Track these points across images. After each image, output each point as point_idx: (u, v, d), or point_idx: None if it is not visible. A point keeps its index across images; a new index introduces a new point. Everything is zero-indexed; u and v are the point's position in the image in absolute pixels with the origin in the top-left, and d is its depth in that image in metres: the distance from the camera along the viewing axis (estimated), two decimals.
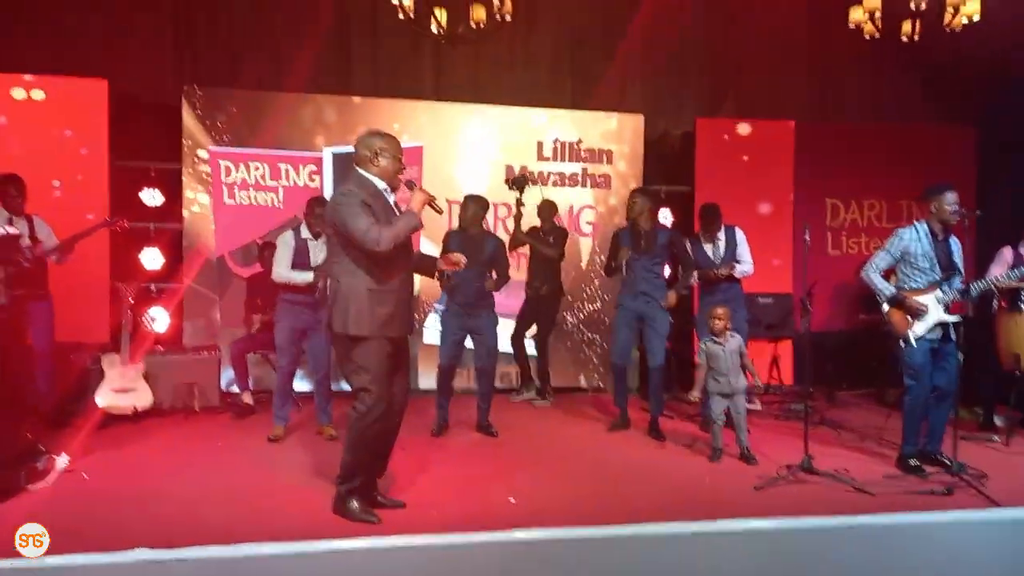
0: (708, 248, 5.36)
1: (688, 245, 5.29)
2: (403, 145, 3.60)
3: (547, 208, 6.08)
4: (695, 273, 5.21)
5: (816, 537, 3.36)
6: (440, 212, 3.60)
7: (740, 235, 5.38)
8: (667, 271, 5.40)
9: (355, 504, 3.47)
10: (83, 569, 2.85)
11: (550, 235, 5.98)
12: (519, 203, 5.81)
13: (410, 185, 3.57)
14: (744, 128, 6.85)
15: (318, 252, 4.74)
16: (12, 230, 3.91)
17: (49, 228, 5.03)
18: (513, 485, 3.97)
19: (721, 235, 5.35)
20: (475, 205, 4.99)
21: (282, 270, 4.74)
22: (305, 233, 4.81)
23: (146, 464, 4.31)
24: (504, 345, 5.66)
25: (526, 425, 5.41)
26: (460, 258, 3.81)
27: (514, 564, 3.20)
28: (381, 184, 3.44)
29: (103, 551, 2.93)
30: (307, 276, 4.71)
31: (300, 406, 5.44)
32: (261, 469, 4.24)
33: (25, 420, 4.03)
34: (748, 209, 6.56)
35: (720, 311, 4.55)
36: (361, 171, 3.45)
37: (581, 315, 6.69)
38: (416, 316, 6.41)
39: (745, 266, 5.36)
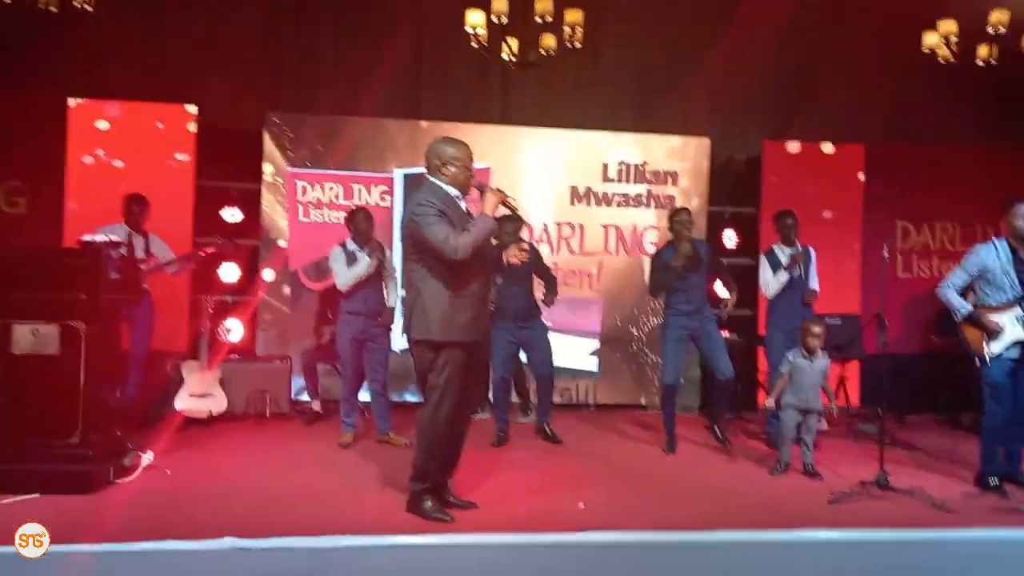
0: (793, 272, 5.22)
1: (765, 261, 5.27)
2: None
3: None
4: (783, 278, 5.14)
5: (895, 549, 3.31)
6: (515, 210, 3.69)
7: (813, 254, 5.34)
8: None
9: (429, 503, 3.54)
10: (178, 554, 3.01)
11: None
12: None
13: (480, 188, 3.65)
14: (812, 151, 6.82)
15: (368, 265, 4.90)
16: (114, 237, 4.17)
17: (164, 244, 5.46)
18: (582, 494, 3.99)
19: (800, 250, 5.27)
20: (513, 224, 4.97)
21: (344, 277, 4.91)
22: (351, 246, 4.98)
23: (223, 463, 4.49)
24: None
25: (585, 440, 5.43)
26: (525, 246, 3.87)
27: (588, 565, 3.22)
28: (453, 191, 3.55)
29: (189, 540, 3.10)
30: (364, 262, 4.86)
31: (366, 415, 5.58)
32: (334, 471, 4.37)
33: (115, 419, 4.25)
34: (816, 231, 6.45)
35: (818, 329, 4.52)
36: (433, 179, 3.57)
37: (644, 335, 6.70)
38: None
39: (815, 285, 5.33)
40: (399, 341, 5.56)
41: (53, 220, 5.79)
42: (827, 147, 6.83)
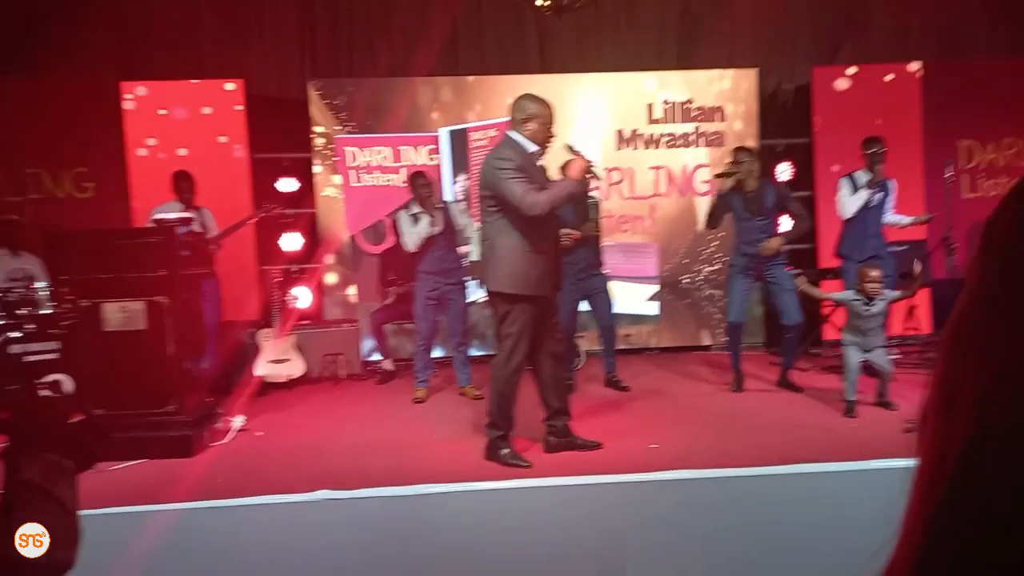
0: (871, 194, 5.13)
1: (846, 190, 5.17)
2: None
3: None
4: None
5: None
6: (598, 179, 3.74)
7: (893, 185, 5.23)
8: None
9: (506, 450, 3.67)
10: (277, 507, 3.21)
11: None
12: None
13: (571, 150, 3.72)
14: (865, 74, 6.59)
15: (429, 223, 5.00)
16: (173, 213, 4.34)
17: (214, 220, 5.57)
18: (653, 435, 4.08)
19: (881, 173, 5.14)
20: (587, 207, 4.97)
21: (411, 238, 5.02)
22: (415, 208, 5.07)
23: (307, 424, 4.69)
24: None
25: (652, 383, 5.48)
26: (575, 234, 3.91)
27: (663, 503, 3.32)
28: (532, 147, 3.61)
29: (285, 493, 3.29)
30: (425, 220, 4.97)
31: (437, 371, 5.73)
32: (411, 425, 4.54)
33: (204, 387, 4.47)
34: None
35: (876, 274, 4.39)
36: (513, 134, 3.64)
37: (701, 275, 6.68)
38: None
39: (897, 218, 5.25)
40: (475, 294, 5.72)
41: (120, 204, 6.01)
42: (880, 69, 6.59)
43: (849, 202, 5.19)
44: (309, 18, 6.84)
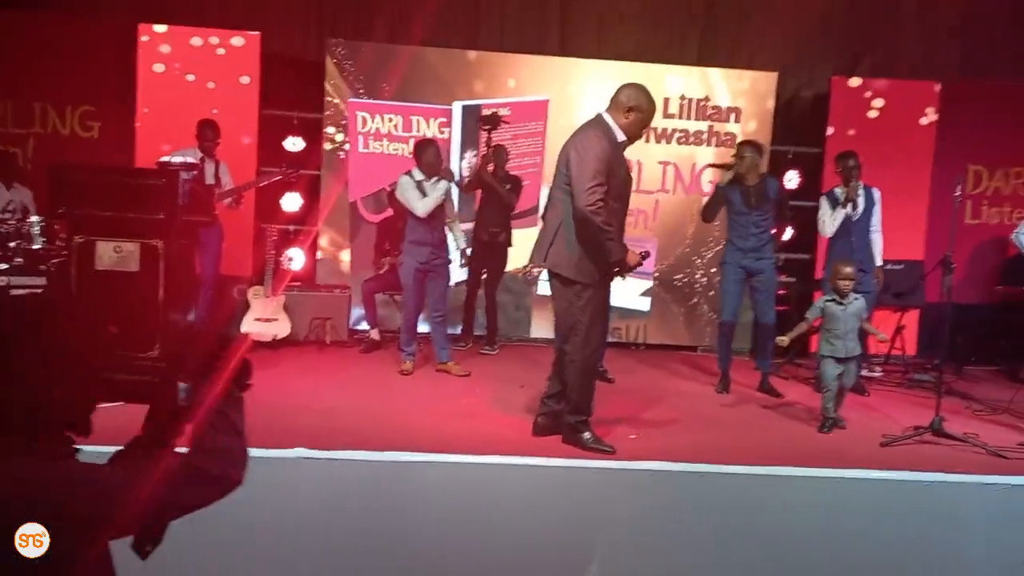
0: (848, 211, 5.14)
1: (825, 208, 5.18)
2: (529, 99, 3.75)
3: (501, 154, 5.93)
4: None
5: (945, 491, 3.33)
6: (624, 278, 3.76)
7: (878, 196, 5.20)
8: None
9: (588, 434, 3.64)
10: (253, 460, 3.21)
11: (506, 182, 5.89)
12: (490, 143, 5.81)
13: (645, 255, 3.75)
14: (882, 88, 6.56)
15: (434, 191, 4.95)
16: (190, 159, 4.31)
17: (231, 176, 5.55)
18: (634, 427, 4.09)
19: (861, 191, 5.15)
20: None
21: (419, 204, 4.94)
22: (418, 175, 5.02)
23: (290, 384, 4.69)
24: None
25: (637, 377, 5.50)
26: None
27: (636, 491, 3.34)
28: (622, 136, 3.58)
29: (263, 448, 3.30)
30: (443, 185, 4.95)
31: (422, 346, 5.73)
32: (393, 395, 4.56)
33: (191, 337, 4.46)
34: (883, 172, 6.24)
35: (848, 270, 4.33)
36: (608, 117, 3.60)
37: (696, 275, 6.67)
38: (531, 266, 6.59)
39: (878, 237, 5.22)
40: (457, 274, 5.71)
41: (126, 144, 5.97)
42: (899, 85, 6.55)
43: (827, 220, 5.18)
44: None
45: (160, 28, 6.07)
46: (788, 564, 3.14)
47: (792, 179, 6.55)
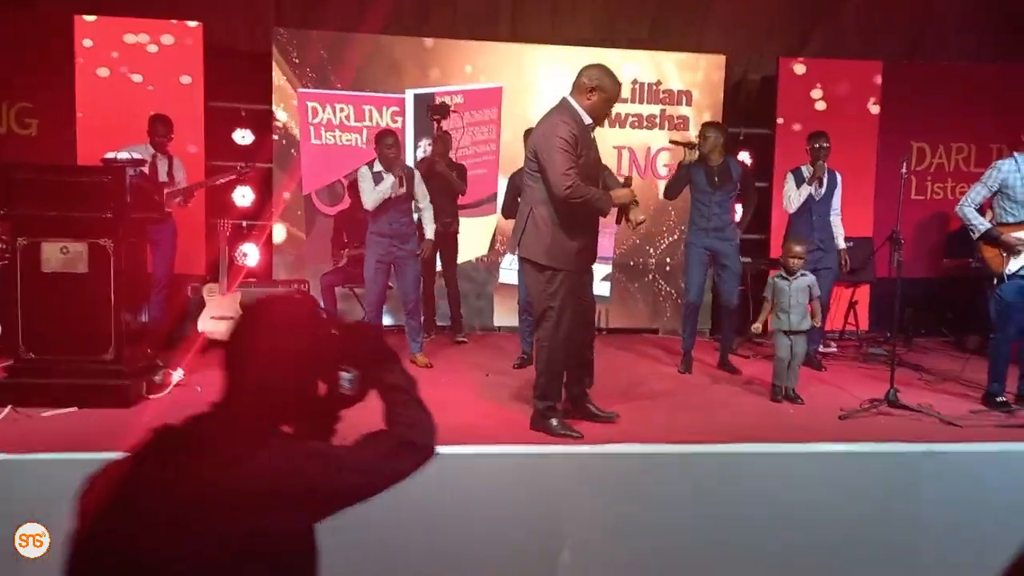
0: (812, 189, 5.24)
1: (791, 184, 5.27)
2: (482, 87, 3.71)
3: (445, 141, 5.91)
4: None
5: (903, 462, 3.44)
6: (632, 227, 3.69)
7: (839, 180, 5.34)
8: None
9: (555, 421, 3.60)
10: None
11: (453, 170, 5.87)
12: (440, 131, 5.80)
13: (627, 182, 3.73)
14: (828, 69, 6.70)
15: (393, 184, 4.89)
16: (136, 155, 4.16)
17: (184, 172, 5.40)
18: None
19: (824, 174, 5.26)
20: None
21: (370, 195, 4.89)
22: (377, 167, 4.96)
23: None
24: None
25: (598, 361, 5.51)
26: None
27: (607, 475, 3.36)
28: (587, 119, 3.53)
29: None
30: (389, 180, 4.85)
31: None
32: None
33: (145, 339, 4.34)
34: (831, 151, 6.43)
35: (799, 249, 4.40)
36: (572, 100, 3.54)
37: (653, 260, 6.74)
38: (490, 256, 6.57)
39: (838, 220, 5.37)
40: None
41: (66, 143, 5.75)
42: (844, 65, 6.70)
43: (793, 196, 5.29)
44: None
45: (93, 19, 5.85)
46: (760, 540, 3.21)
47: (744, 159, 6.64)
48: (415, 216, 5.23)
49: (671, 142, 5.65)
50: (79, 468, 2.84)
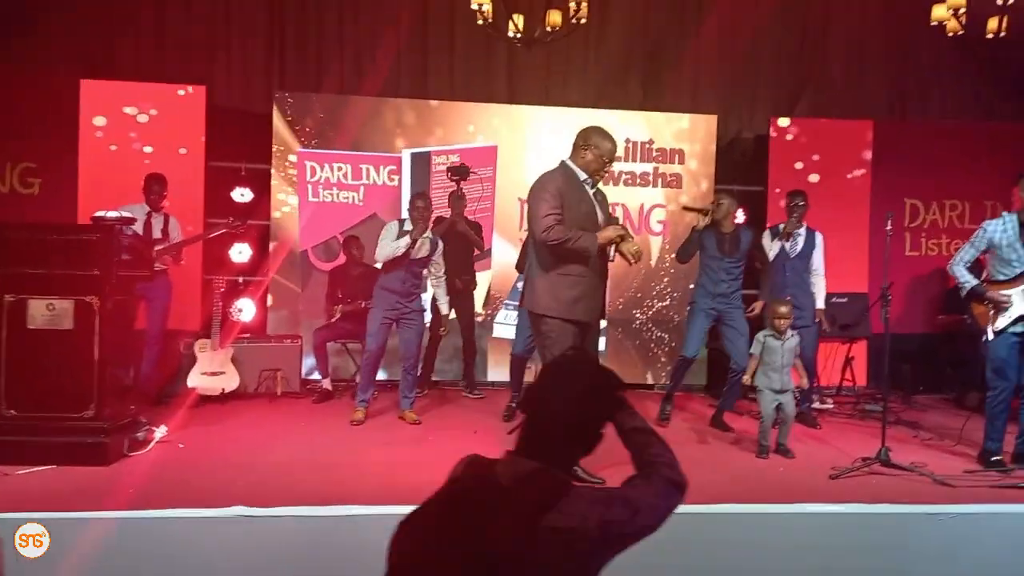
0: (784, 244, 5.32)
1: (767, 239, 5.30)
2: (477, 145, 3.85)
3: (462, 201, 6.01)
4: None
5: (895, 523, 3.34)
6: (631, 262, 3.75)
7: (820, 240, 5.37)
8: None
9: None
10: (187, 521, 3.10)
11: (471, 228, 5.99)
12: (458, 191, 5.93)
13: (612, 219, 3.88)
14: (819, 128, 6.78)
15: (420, 246, 4.96)
16: (126, 214, 4.23)
17: (180, 230, 5.52)
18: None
19: (802, 231, 5.32)
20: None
21: (384, 248, 4.90)
22: (408, 226, 5.00)
23: (235, 438, 4.59)
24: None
25: None
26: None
27: None
28: (582, 175, 3.70)
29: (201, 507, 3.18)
30: (404, 240, 4.89)
31: (378, 394, 5.63)
32: (345, 445, 4.45)
33: (129, 396, 4.33)
34: (823, 209, 6.45)
35: (785, 310, 4.45)
36: (568, 160, 3.75)
37: (650, 313, 6.73)
38: (487, 311, 6.58)
39: (820, 280, 5.36)
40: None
41: (68, 201, 5.87)
42: (835, 125, 6.79)
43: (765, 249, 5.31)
44: (279, 31, 6.83)
45: (99, 82, 6.04)
46: None
47: (737, 216, 6.67)
48: (428, 281, 5.29)
49: (684, 208, 5.68)
50: (52, 527, 2.83)
